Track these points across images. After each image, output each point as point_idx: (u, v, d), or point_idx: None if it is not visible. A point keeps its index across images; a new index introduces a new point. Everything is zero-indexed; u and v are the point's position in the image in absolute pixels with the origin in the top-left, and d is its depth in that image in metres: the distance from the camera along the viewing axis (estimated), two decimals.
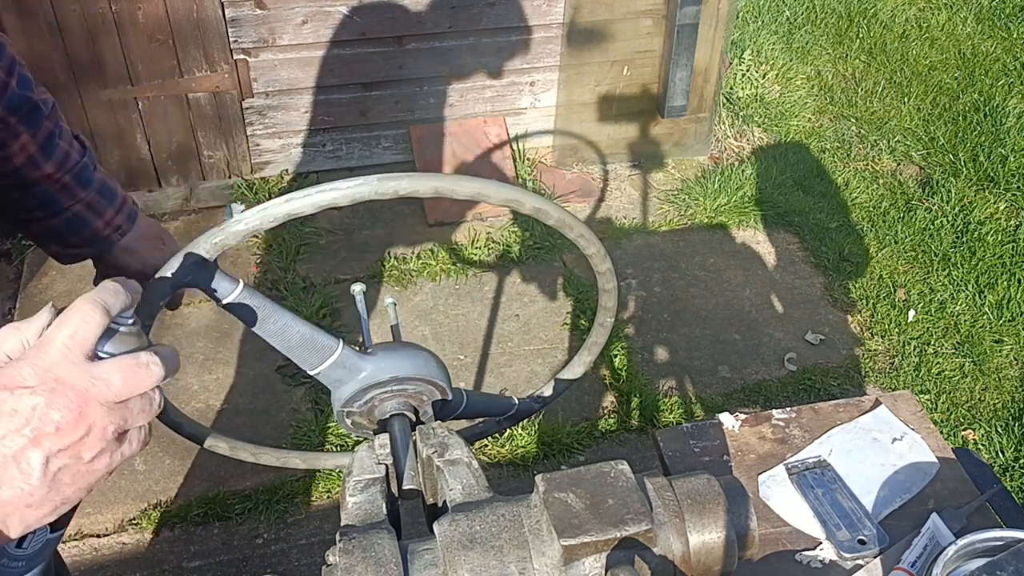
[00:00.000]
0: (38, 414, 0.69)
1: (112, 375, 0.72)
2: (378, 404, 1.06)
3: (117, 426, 0.73)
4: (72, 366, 0.71)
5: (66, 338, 0.72)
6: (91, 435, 0.71)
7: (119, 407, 0.73)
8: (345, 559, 0.82)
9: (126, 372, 0.73)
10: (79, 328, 0.72)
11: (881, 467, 1.38)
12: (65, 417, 0.70)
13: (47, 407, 0.69)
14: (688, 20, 3.70)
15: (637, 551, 0.82)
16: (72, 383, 0.70)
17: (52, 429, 0.69)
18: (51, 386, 0.70)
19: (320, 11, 3.51)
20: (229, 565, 2.63)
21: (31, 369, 0.70)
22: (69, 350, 0.71)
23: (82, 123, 3.52)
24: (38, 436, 0.69)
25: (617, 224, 3.84)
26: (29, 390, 0.69)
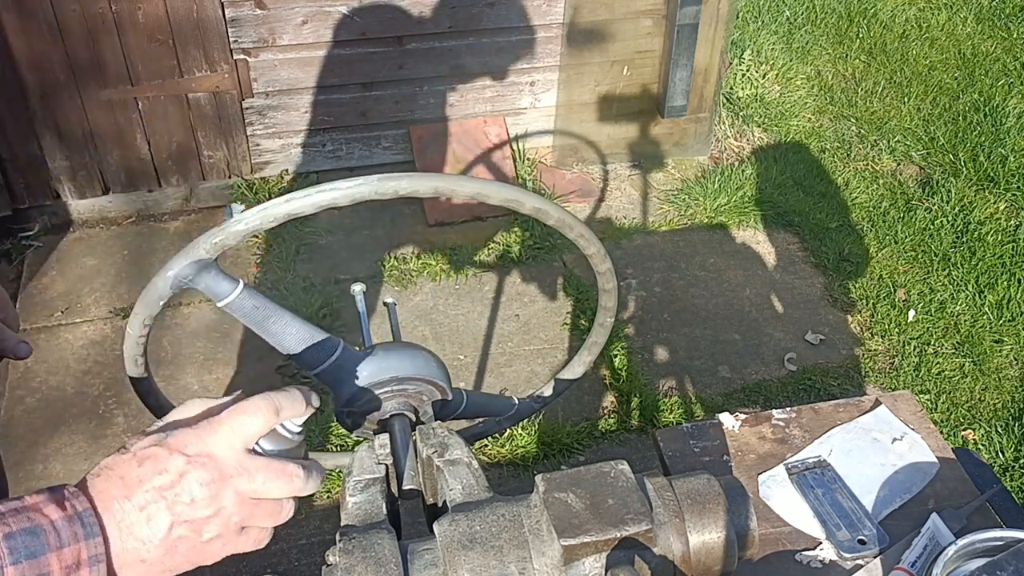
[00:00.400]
0: (182, 481, 0.74)
1: (258, 472, 0.77)
2: (378, 404, 1.06)
3: (242, 519, 0.78)
4: (229, 451, 0.76)
5: (235, 425, 0.77)
6: (217, 518, 0.76)
7: (251, 503, 0.78)
8: (345, 559, 0.82)
9: (270, 474, 0.78)
10: (249, 422, 0.77)
11: (881, 467, 1.38)
12: (202, 493, 0.75)
13: (192, 478, 0.75)
14: (688, 20, 3.70)
15: (637, 551, 0.82)
16: (221, 464, 0.76)
17: (188, 500, 0.75)
18: (203, 461, 0.75)
19: (320, 11, 3.51)
20: (229, 565, 2.62)
21: (195, 440, 0.76)
22: (233, 436, 0.77)
23: (82, 123, 3.52)
24: (174, 502, 0.74)
25: (617, 224, 3.84)
26: (185, 458, 0.75)
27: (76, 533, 0.71)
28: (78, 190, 3.67)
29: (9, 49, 3.28)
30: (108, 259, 3.58)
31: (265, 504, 0.78)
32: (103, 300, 3.41)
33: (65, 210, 3.72)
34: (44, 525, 0.70)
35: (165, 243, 3.65)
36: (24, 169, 3.56)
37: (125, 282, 3.47)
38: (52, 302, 3.40)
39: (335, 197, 0.90)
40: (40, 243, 3.64)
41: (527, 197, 0.96)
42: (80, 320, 3.33)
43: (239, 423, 0.77)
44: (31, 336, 3.27)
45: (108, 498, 0.73)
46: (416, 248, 3.65)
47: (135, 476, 0.74)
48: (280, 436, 0.80)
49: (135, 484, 0.74)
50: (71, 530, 0.71)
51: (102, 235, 3.70)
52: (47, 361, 3.17)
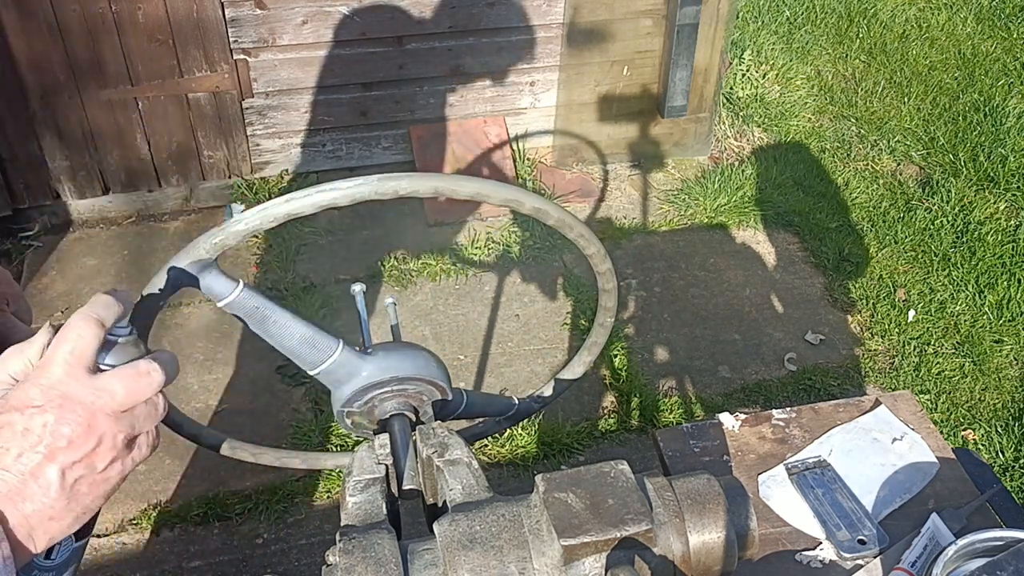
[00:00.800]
0: (49, 430, 0.72)
1: (115, 386, 0.76)
2: (378, 404, 1.06)
3: (126, 433, 0.76)
4: (75, 381, 0.74)
5: (67, 355, 0.75)
6: (102, 445, 0.75)
7: (126, 415, 0.76)
8: (345, 559, 0.82)
9: (128, 382, 0.76)
10: (77, 344, 0.76)
11: (881, 467, 1.38)
12: (75, 431, 0.73)
13: (57, 423, 0.73)
14: (688, 20, 3.70)
15: (637, 551, 0.82)
16: (78, 398, 0.74)
17: (64, 443, 0.73)
18: (58, 403, 0.73)
19: (320, 11, 3.51)
20: (229, 565, 2.63)
21: (37, 389, 0.74)
22: (71, 366, 0.75)
23: (82, 123, 3.52)
24: (52, 451, 0.72)
25: (617, 224, 3.84)
26: (38, 409, 0.73)
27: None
28: (78, 190, 3.67)
29: (9, 49, 3.28)
30: (108, 259, 3.58)
31: (139, 409, 0.77)
32: None
33: (65, 210, 3.72)
34: None
35: (165, 243, 3.65)
36: (24, 169, 3.56)
37: (125, 282, 3.47)
38: (52, 302, 3.40)
39: (335, 197, 0.90)
40: (40, 243, 3.64)
41: (527, 197, 0.96)
42: None
43: (70, 351, 0.75)
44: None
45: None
46: (416, 248, 3.65)
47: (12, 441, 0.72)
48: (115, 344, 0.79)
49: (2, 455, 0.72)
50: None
51: (102, 235, 3.70)
52: None
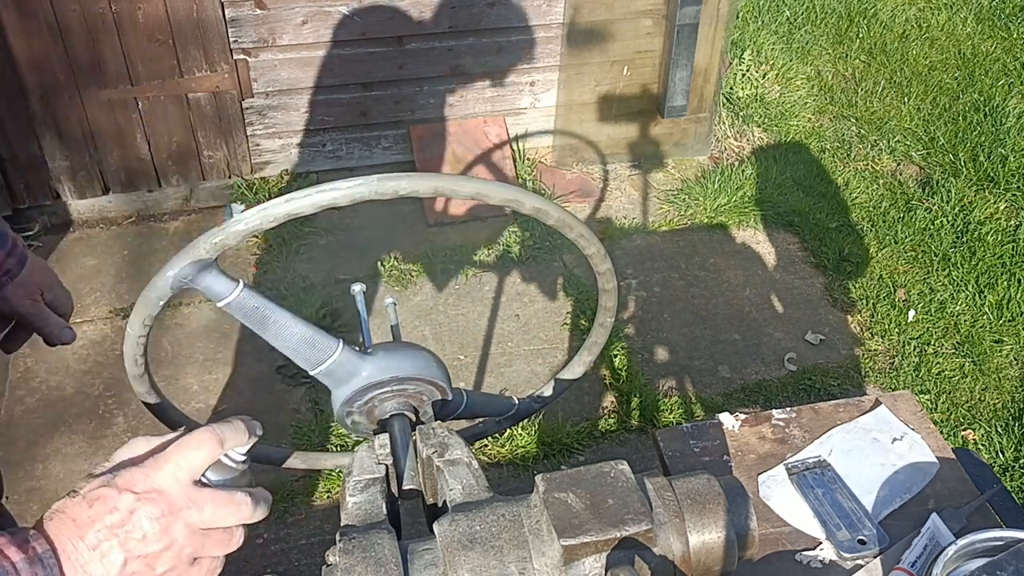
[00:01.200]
0: (132, 518, 0.77)
1: (206, 504, 0.80)
2: (378, 404, 1.06)
3: (193, 550, 0.80)
4: (176, 484, 0.79)
5: (180, 460, 0.79)
6: (169, 551, 0.78)
7: (201, 534, 0.80)
8: (345, 559, 0.82)
9: (219, 505, 0.80)
10: (193, 455, 0.80)
11: (881, 467, 1.38)
12: (153, 528, 0.77)
13: (141, 514, 0.77)
14: (688, 20, 3.69)
15: (637, 551, 0.82)
16: (170, 499, 0.78)
17: (139, 536, 0.77)
18: (152, 496, 0.78)
19: (320, 11, 3.51)
20: (229, 565, 2.62)
21: (142, 476, 0.78)
22: (180, 470, 0.79)
23: (82, 123, 3.52)
24: (126, 539, 0.76)
25: (617, 224, 3.84)
26: (134, 496, 0.77)
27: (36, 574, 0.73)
28: (78, 190, 3.67)
29: (9, 49, 3.28)
30: (108, 259, 3.58)
31: (215, 534, 0.81)
32: (103, 300, 3.41)
33: (65, 210, 3.72)
34: (7, 567, 0.72)
35: (165, 243, 3.65)
36: (24, 169, 3.56)
37: (125, 282, 3.47)
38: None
39: (335, 197, 0.90)
40: (40, 243, 3.63)
41: (526, 197, 0.96)
42: (80, 320, 3.33)
43: (184, 457, 0.79)
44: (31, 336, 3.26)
45: (62, 540, 0.75)
46: (416, 248, 3.65)
47: (86, 517, 0.76)
48: (225, 466, 0.83)
49: (87, 525, 0.76)
50: (31, 571, 0.73)
51: (102, 235, 3.70)
52: (47, 361, 3.17)
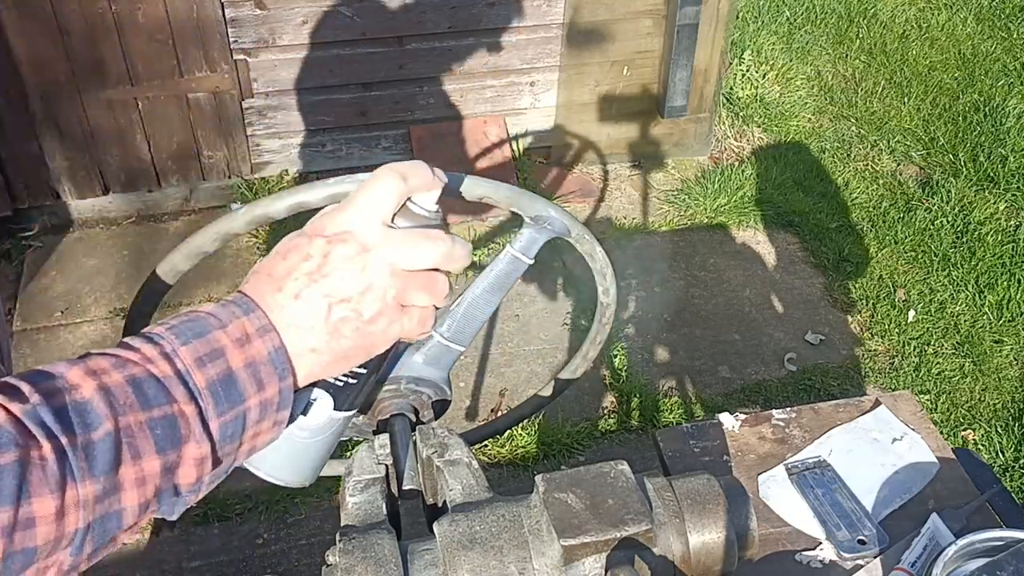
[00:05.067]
0: (327, 261, 0.73)
1: (400, 240, 0.75)
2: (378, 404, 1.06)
3: (397, 292, 0.75)
4: (366, 224, 0.74)
5: (365, 200, 0.75)
6: (371, 292, 0.74)
7: (403, 275, 0.75)
8: (345, 559, 0.82)
9: (415, 240, 0.75)
10: (379, 193, 0.75)
11: (881, 467, 1.38)
12: (350, 268, 0.73)
13: (335, 255, 0.73)
14: (688, 20, 3.69)
15: (637, 551, 0.82)
16: (361, 237, 0.74)
17: (338, 278, 0.73)
18: (343, 237, 0.74)
19: (320, 11, 3.51)
20: (229, 565, 2.64)
21: (331, 221, 0.75)
22: (366, 211, 0.75)
23: (82, 123, 3.52)
24: (322, 281, 0.72)
25: (617, 224, 3.84)
26: (324, 238, 0.74)
27: (234, 312, 0.71)
28: (78, 190, 3.67)
29: (9, 49, 3.28)
30: (108, 259, 3.58)
31: (418, 276, 0.76)
32: (103, 300, 3.40)
33: (65, 210, 3.72)
34: (202, 315, 0.71)
35: (165, 243, 3.65)
36: (24, 169, 3.56)
37: (125, 282, 3.47)
38: (52, 302, 3.40)
39: None
40: (40, 243, 3.64)
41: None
42: (80, 320, 3.33)
43: (369, 196, 0.75)
44: (31, 336, 3.27)
45: (260, 295, 0.73)
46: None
47: (282, 269, 0.73)
48: (415, 215, 0.78)
49: (284, 276, 0.73)
50: (228, 311, 0.71)
51: (102, 235, 3.70)
52: (47, 361, 3.15)
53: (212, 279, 3.48)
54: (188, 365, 0.67)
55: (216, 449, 0.68)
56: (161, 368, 0.66)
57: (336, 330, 0.73)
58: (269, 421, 0.71)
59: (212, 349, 0.68)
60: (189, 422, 0.66)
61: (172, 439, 0.65)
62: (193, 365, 0.67)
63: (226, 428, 0.68)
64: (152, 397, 0.65)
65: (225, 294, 3.45)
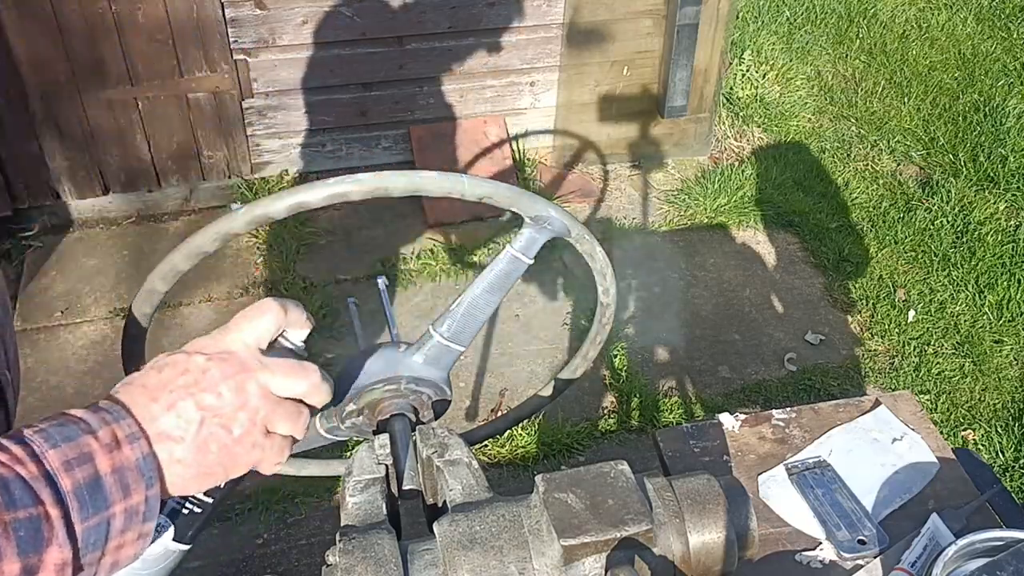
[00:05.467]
0: (206, 376, 0.75)
1: (277, 367, 0.78)
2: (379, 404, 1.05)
3: (266, 415, 0.77)
4: (245, 348, 0.78)
5: (247, 325, 0.79)
6: (243, 411, 0.76)
7: (273, 400, 0.78)
8: (345, 559, 0.82)
9: (289, 368, 0.79)
10: (259, 322, 0.79)
11: (881, 467, 1.38)
12: (227, 384, 0.75)
13: (214, 372, 0.76)
14: (688, 20, 3.70)
15: (637, 551, 0.82)
16: (241, 359, 0.77)
17: (214, 392, 0.75)
18: (223, 357, 0.77)
19: (320, 11, 3.51)
20: (229, 565, 2.63)
21: (211, 342, 0.78)
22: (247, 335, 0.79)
23: (82, 123, 3.52)
24: (199, 395, 0.75)
25: (617, 224, 3.84)
26: (205, 356, 0.76)
27: (104, 418, 0.71)
28: (78, 190, 3.67)
29: (9, 49, 3.28)
30: (108, 259, 3.58)
31: (286, 405, 0.79)
32: (103, 300, 3.40)
33: (65, 210, 3.72)
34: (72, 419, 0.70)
35: (165, 243, 3.65)
36: (24, 169, 3.56)
37: (125, 282, 3.47)
38: (52, 302, 3.40)
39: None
40: (40, 243, 3.64)
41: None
42: (80, 320, 3.33)
43: (250, 323, 0.79)
44: (31, 336, 3.27)
45: (134, 403, 0.73)
46: (416, 248, 3.65)
47: (157, 382, 0.75)
48: (286, 349, 0.82)
49: (159, 388, 0.74)
50: (99, 417, 0.71)
51: (102, 235, 3.70)
52: (47, 361, 3.17)
53: (212, 279, 3.48)
54: (55, 468, 0.66)
55: (79, 555, 0.67)
56: (29, 469, 0.65)
57: (205, 444, 0.74)
58: (134, 532, 0.71)
59: (81, 453, 0.68)
60: (53, 525, 0.65)
61: (35, 541, 0.64)
62: (61, 468, 0.66)
63: (90, 534, 0.67)
64: (18, 498, 0.64)
65: (225, 294, 3.46)
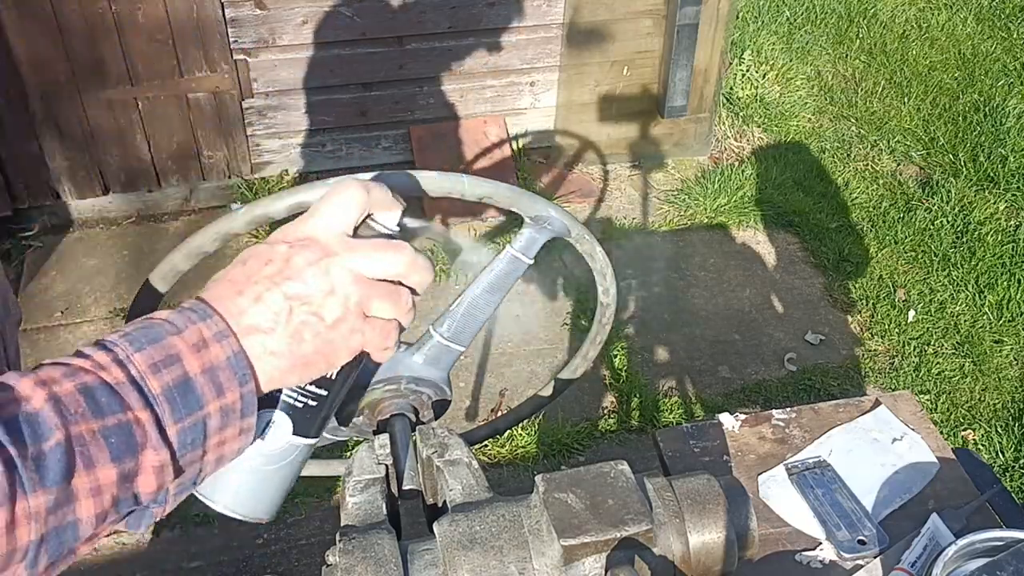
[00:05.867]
0: (289, 264, 0.72)
1: (362, 247, 0.74)
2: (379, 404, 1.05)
3: (360, 298, 0.74)
4: (329, 232, 0.74)
5: (329, 210, 0.75)
6: (333, 296, 0.72)
7: (365, 282, 0.74)
8: (345, 559, 0.82)
9: (378, 248, 0.75)
10: (343, 202, 0.75)
11: (881, 467, 1.38)
12: (312, 271, 0.72)
13: (298, 259, 0.72)
14: (688, 20, 3.70)
15: (637, 551, 0.82)
16: (324, 242, 0.73)
17: (298, 279, 0.71)
18: (305, 243, 0.73)
19: (320, 11, 3.51)
20: (229, 565, 2.63)
21: (293, 229, 0.75)
22: (328, 221, 0.74)
23: (82, 123, 3.52)
24: (284, 284, 0.71)
25: (617, 224, 3.84)
26: (287, 244, 0.73)
27: (190, 318, 0.69)
28: (78, 190, 3.67)
29: (9, 49, 3.28)
30: (108, 259, 3.58)
31: (381, 286, 0.75)
32: (103, 300, 3.40)
33: (65, 210, 3.72)
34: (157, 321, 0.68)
35: (165, 243, 3.65)
36: (24, 169, 3.56)
37: (125, 282, 3.47)
38: (52, 302, 3.40)
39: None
40: (40, 243, 3.64)
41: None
42: (80, 320, 3.33)
43: (333, 207, 0.75)
44: (31, 336, 3.27)
45: (219, 300, 0.71)
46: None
47: (242, 274, 0.73)
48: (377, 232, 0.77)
49: (244, 281, 0.72)
50: (184, 317, 0.69)
51: (102, 235, 3.70)
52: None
53: None
54: (142, 371, 0.65)
55: (176, 457, 0.66)
56: (114, 375, 0.64)
57: (297, 333, 0.71)
58: (234, 428, 0.69)
59: (167, 355, 0.66)
60: (145, 429, 0.64)
61: (128, 447, 0.63)
62: (148, 371, 0.65)
63: (185, 435, 0.66)
64: (105, 405, 0.63)
65: None
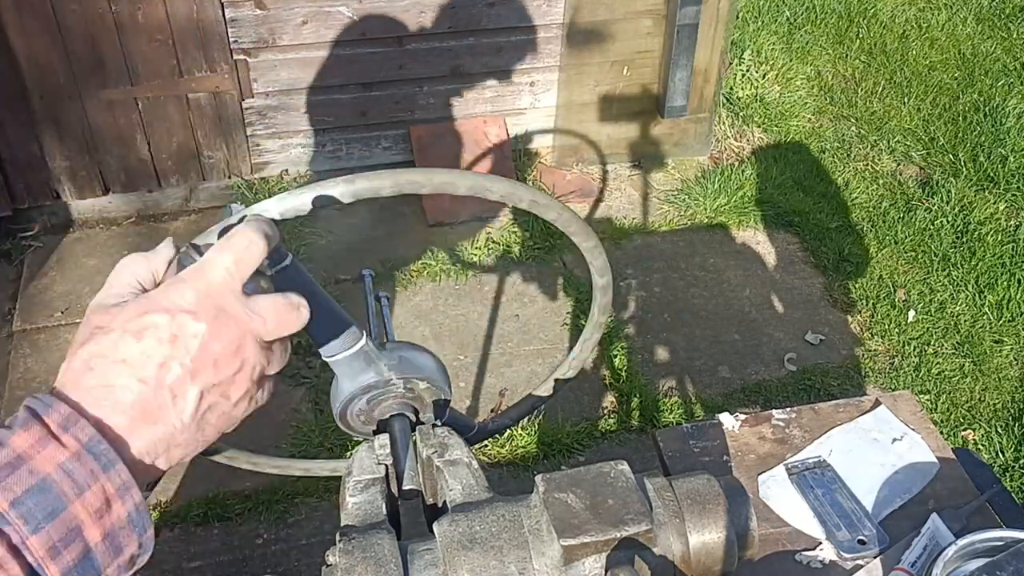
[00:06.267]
0: (200, 343, 0.64)
1: (268, 313, 0.67)
2: (378, 403, 1.05)
3: (262, 367, 0.69)
4: (232, 296, 0.66)
5: (230, 264, 0.66)
6: (241, 373, 0.67)
7: (266, 348, 0.69)
8: (345, 559, 0.82)
9: (280, 312, 0.68)
10: (244, 256, 0.67)
11: (881, 467, 1.38)
12: (225, 351, 0.65)
13: (210, 337, 0.64)
14: (688, 20, 3.70)
15: (637, 551, 0.82)
16: (233, 314, 0.65)
17: (211, 363, 0.64)
18: (213, 314, 0.64)
19: (320, 11, 3.51)
20: (229, 565, 2.63)
21: (192, 292, 0.65)
22: (231, 277, 0.66)
23: (82, 123, 3.52)
24: (196, 369, 0.64)
25: (617, 224, 3.84)
26: (191, 315, 0.64)
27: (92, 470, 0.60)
28: (78, 190, 3.67)
29: (10, 49, 3.28)
30: (108, 259, 3.58)
31: (276, 346, 0.70)
32: None
33: (65, 210, 3.72)
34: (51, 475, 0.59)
35: None
36: (24, 169, 3.56)
37: None
38: (52, 302, 3.40)
39: None
40: (40, 243, 3.64)
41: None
42: (80, 320, 3.32)
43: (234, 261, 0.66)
44: (31, 336, 3.27)
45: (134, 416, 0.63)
46: (416, 248, 3.65)
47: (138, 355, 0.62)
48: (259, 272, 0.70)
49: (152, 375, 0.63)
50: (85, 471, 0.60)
51: (102, 235, 3.70)
52: (47, 361, 3.16)
53: None
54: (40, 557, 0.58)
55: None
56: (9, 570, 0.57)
57: (203, 420, 0.66)
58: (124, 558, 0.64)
59: (68, 530, 0.59)
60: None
61: None
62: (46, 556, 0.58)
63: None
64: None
65: None
